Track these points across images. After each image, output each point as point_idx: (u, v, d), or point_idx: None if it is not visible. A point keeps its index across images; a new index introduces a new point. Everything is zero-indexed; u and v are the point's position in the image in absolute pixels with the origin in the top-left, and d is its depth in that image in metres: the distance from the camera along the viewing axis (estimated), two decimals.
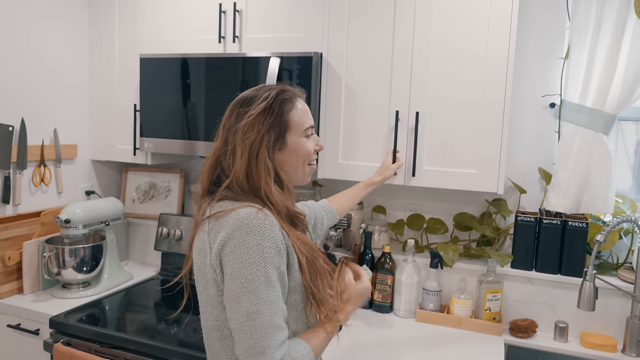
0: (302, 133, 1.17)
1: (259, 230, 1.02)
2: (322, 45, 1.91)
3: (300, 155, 1.16)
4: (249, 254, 1.01)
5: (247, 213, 1.04)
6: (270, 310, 1.00)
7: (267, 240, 1.02)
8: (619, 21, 1.72)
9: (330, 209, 1.64)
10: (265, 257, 1.02)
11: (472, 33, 1.73)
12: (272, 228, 1.04)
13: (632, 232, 1.87)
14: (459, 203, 2.10)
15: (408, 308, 1.98)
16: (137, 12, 2.23)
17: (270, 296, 1.01)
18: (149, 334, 1.76)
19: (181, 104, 2.08)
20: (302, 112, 1.17)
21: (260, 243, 1.02)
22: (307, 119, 1.18)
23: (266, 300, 1.00)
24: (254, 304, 1.00)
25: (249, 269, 1.01)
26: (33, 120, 2.14)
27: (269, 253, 1.02)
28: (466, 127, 1.76)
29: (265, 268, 1.01)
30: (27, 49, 2.10)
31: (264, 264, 1.01)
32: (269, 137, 1.11)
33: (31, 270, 2.07)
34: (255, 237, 1.02)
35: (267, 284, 1.01)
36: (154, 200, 2.56)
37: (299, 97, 1.19)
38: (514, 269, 1.92)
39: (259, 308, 1.00)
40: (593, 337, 1.80)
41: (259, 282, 1.01)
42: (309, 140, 1.18)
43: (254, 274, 1.00)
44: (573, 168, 1.83)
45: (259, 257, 1.01)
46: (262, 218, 1.04)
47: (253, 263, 1.01)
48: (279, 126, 1.12)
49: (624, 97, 1.75)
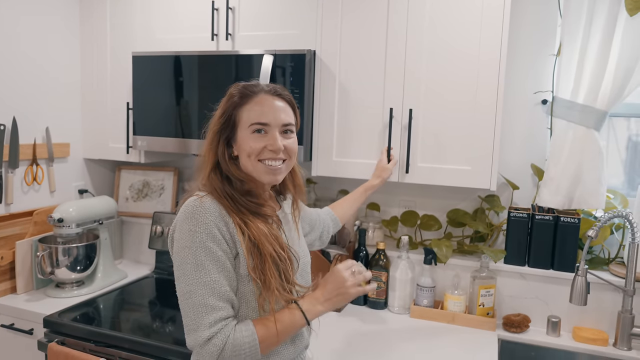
0: (248, 129, 1.17)
1: (192, 216, 1.10)
2: (316, 42, 1.91)
3: (243, 151, 1.18)
4: (182, 238, 1.10)
5: (188, 201, 1.14)
6: (203, 291, 1.07)
7: (198, 225, 1.09)
8: (610, 18, 1.74)
9: (334, 217, 1.68)
10: (196, 242, 1.08)
11: (465, 31, 1.73)
12: (204, 214, 1.10)
13: (623, 227, 1.89)
14: (452, 199, 2.11)
15: (402, 304, 1.99)
16: (129, 10, 2.22)
17: (201, 278, 1.08)
18: (144, 333, 1.76)
19: (174, 102, 2.08)
20: (254, 108, 1.17)
21: (191, 229, 1.09)
22: (256, 116, 1.17)
23: (197, 281, 1.08)
24: (187, 285, 1.09)
25: (182, 252, 1.10)
26: (25, 119, 2.13)
27: (200, 238, 1.08)
28: (459, 124, 1.77)
29: (195, 252, 1.08)
30: (17, 47, 2.09)
31: (194, 248, 1.08)
32: (216, 130, 1.19)
33: (24, 269, 2.06)
34: (188, 222, 1.10)
35: (197, 267, 1.08)
36: (147, 199, 2.55)
37: (262, 93, 1.19)
38: (507, 264, 1.93)
39: (192, 289, 1.08)
40: (585, 331, 1.82)
41: (189, 265, 1.08)
42: (256, 137, 1.17)
43: (185, 257, 1.09)
44: (565, 164, 1.84)
45: (189, 242, 1.09)
46: (198, 205, 1.11)
47: (185, 247, 1.09)
48: (225, 119, 1.18)
49: (615, 93, 1.76)
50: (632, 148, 1.96)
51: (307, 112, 1.91)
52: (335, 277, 1.21)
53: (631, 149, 1.96)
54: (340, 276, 1.21)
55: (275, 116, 1.18)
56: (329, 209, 1.71)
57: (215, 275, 1.09)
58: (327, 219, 1.64)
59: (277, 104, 1.19)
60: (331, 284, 1.20)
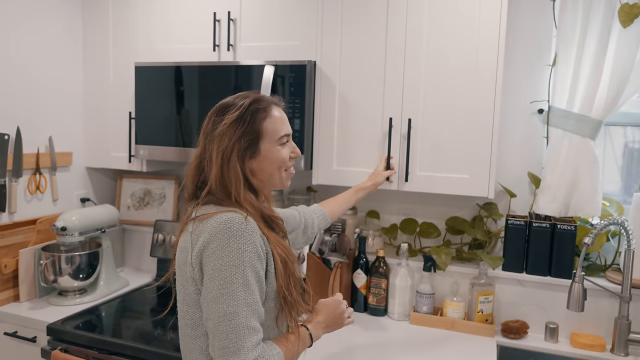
0: (277, 141, 1.20)
1: (240, 234, 1.07)
2: (316, 53, 1.94)
3: (273, 162, 1.20)
4: (229, 256, 1.05)
5: (230, 217, 1.09)
6: (246, 312, 1.05)
7: (248, 244, 1.07)
8: (604, 29, 1.78)
9: (321, 212, 1.68)
10: (245, 261, 1.06)
11: (462, 42, 1.77)
12: (253, 234, 1.09)
13: (619, 234, 1.92)
14: (451, 207, 2.14)
15: (402, 311, 2.01)
16: (132, 21, 2.25)
17: (247, 298, 1.06)
18: (146, 340, 1.77)
19: (176, 112, 2.11)
20: (276, 121, 1.20)
21: (240, 247, 1.06)
22: (281, 128, 1.21)
23: (243, 302, 1.05)
24: (231, 305, 1.04)
25: (228, 271, 1.05)
26: (28, 129, 2.15)
27: (249, 257, 1.07)
28: (457, 133, 1.80)
29: (244, 271, 1.06)
30: (20, 58, 2.12)
31: (243, 267, 1.06)
32: (240, 146, 1.15)
33: (27, 277, 2.08)
34: (236, 240, 1.06)
35: (245, 287, 1.06)
36: (149, 207, 2.57)
37: (275, 105, 1.23)
38: (505, 271, 1.96)
39: (236, 309, 1.04)
40: (583, 337, 1.84)
41: (237, 284, 1.05)
42: (283, 148, 1.22)
43: (232, 276, 1.05)
44: (561, 172, 1.87)
45: (238, 260, 1.06)
46: (245, 223, 1.08)
47: (233, 266, 1.05)
48: (250, 135, 1.16)
49: (609, 103, 1.80)
50: (629, 155, 1.99)
51: (308, 122, 1.94)
52: (334, 307, 1.30)
53: (627, 157, 1.99)
54: (340, 308, 1.30)
55: (289, 126, 1.25)
56: (319, 205, 1.71)
57: (257, 296, 1.08)
58: (310, 214, 1.63)
59: (284, 114, 1.25)
60: (331, 314, 1.29)
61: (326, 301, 1.30)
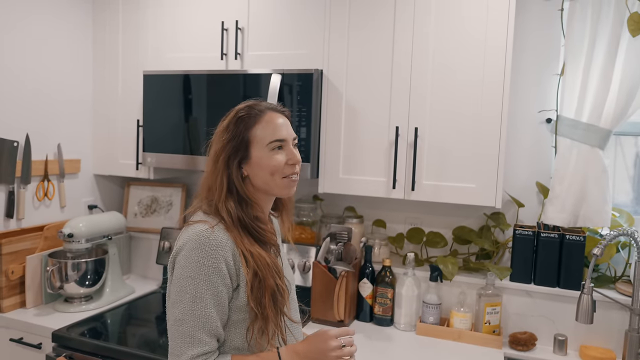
0: (266, 147, 1.19)
1: (202, 247, 1.10)
2: (323, 62, 1.95)
3: (264, 169, 1.19)
4: (187, 267, 1.10)
5: (199, 229, 1.12)
6: (194, 323, 1.09)
7: (207, 259, 1.10)
8: (613, 39, 1.77)
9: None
10: (201, 274, 1.09)
11: (469, 51, 1.76)
12: (216, 247, 1.10)
13: (629, 245, 1.89)
14: (458, 217, 2.12)
15: (408, 321, 1.99)
16: (141, 29, 2.27)
17: (195, 311, 1.09)
18: (151, 348, 1.77)
19: (183, 120, 2.12)
20: (267, 127, 1.19)
21: (199, 260, 1.09)
22: (272, 133, 1.19)
23: (191, 313, 1.09)
24: (181, 313, 1.10)
25: (184, 281, 1.10)
26: (37, 136, 2.17)
27: (206, 271, 1.09)
28: (464, 142, 1.79)
29: (197, 284, 1.09)
30: (32, 66, 2.14)
31: (197, 280, 1.09)
32: (227, 152, 1.18)
33: (34, 284, 2.09)
34: (197, 253, 1.10)
35: (195, 299, 1.09)
36: (155, 215, 2.58)
37: (271, 111, 1.22)
38: (513, 282, 1.93)
39: (185, 318, 1.09)
40: (592, 350, 1.81)
41: (189, 295, 1.09)
42: (276, 154, 1.19)
43: (186, 287, 1.10)
44: (570, 182, 1.85)
45: (195, 273, 1.09)
46: (209, 237, 1.11)
47: (188, 277, 1.10)
48: (237, 141, 1.18)
49: (618, 112, 1.78)
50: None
51: (314, 130, 1.94)
52: (321, 341, 1.16)
53: (638, 167, 1.97)
54: (327, 344, 1.15)
55: (287, 131, 1.22)
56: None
57: (210, 310, 1.10)
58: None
59: (284, 120, 1.23)
60: (315, 346, 1.15)
61: (318, 332, 1.19)
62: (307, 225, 2.23)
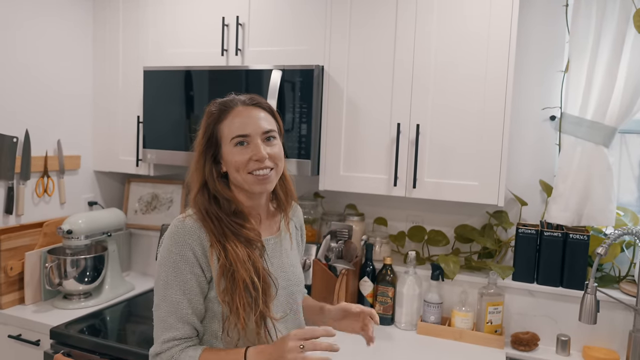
0: (230, 143, 1.18)
1: (172, 236, 1.15)
2: (324, 58, 1.93)
3: (230, 165, 1.18)
4: (161, 255, 1.16)
5: (174, 220, 1.18)
6: (166, 308, 1.14)
7: (175, 246, 1.14)
8: (618, 35, 1.74)
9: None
10: (170, 261, 1.14)
11: (472, 47, 1.74)
12: (184, 235, 1.14)
13: (634, 244, 1.87)
14: (460, 215, 2.10)
15: (409, 320, 1.98)
16: (141, 25, 2.26)
17: (167, 296, 1.13)
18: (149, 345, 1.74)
19: (184, 116, 2.10)
20: (233, 122, 1.18)
21: (169, 248, 1.14)
22: (235, 129, 1.16)
23: (164, 298, 1.14)
24: (157, 298, 1.16)
25: (159, 268, 1.16)
26: (37, 132, 2.16)
27: (173, 258, 1.13)
28: (466, 139, 1.77)
29: (167, 270, 1.14)
30: (31, 61, 2.13)
31: (167, 267, 1.14)
32: (200, 149, 1.21)
33: (33, 280, 2.08)
34: (168, 240, 1.15)
35: (166, 285, 1.14)
36: (156, 211, 2.57)
37: (239, 105, 1.20)
38: (515, 281, 1.91)
39: (159, 303, 1.15)
40: (596, 350, 1.79)
41: (161, 281, 1.15)
42: (239, 150, 1.16)
43: (159, 273, 1.16)
44: (574, 180, 1.83)
45: (165, 259, 1.15)
46: (179, 225, 1.15)
47: (161, 264, 1.15)
48: (208, 137, 1.20)
49: (623, 110, 1.75)
50: None
51: (315, 127, 1.92)
52: (282, 340, 1.10)
53: None
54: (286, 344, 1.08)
55: (255, 126, 1.17)
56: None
57: (179, 297, 1.13)
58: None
59: (256, 113, 1.19)
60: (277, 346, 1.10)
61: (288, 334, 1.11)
62: (308, 223, 2.21)
